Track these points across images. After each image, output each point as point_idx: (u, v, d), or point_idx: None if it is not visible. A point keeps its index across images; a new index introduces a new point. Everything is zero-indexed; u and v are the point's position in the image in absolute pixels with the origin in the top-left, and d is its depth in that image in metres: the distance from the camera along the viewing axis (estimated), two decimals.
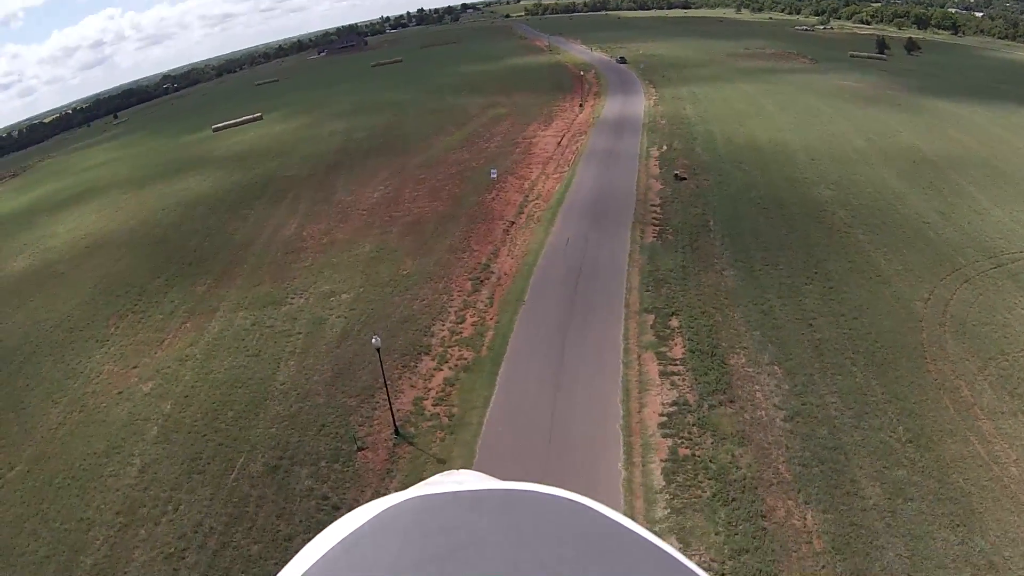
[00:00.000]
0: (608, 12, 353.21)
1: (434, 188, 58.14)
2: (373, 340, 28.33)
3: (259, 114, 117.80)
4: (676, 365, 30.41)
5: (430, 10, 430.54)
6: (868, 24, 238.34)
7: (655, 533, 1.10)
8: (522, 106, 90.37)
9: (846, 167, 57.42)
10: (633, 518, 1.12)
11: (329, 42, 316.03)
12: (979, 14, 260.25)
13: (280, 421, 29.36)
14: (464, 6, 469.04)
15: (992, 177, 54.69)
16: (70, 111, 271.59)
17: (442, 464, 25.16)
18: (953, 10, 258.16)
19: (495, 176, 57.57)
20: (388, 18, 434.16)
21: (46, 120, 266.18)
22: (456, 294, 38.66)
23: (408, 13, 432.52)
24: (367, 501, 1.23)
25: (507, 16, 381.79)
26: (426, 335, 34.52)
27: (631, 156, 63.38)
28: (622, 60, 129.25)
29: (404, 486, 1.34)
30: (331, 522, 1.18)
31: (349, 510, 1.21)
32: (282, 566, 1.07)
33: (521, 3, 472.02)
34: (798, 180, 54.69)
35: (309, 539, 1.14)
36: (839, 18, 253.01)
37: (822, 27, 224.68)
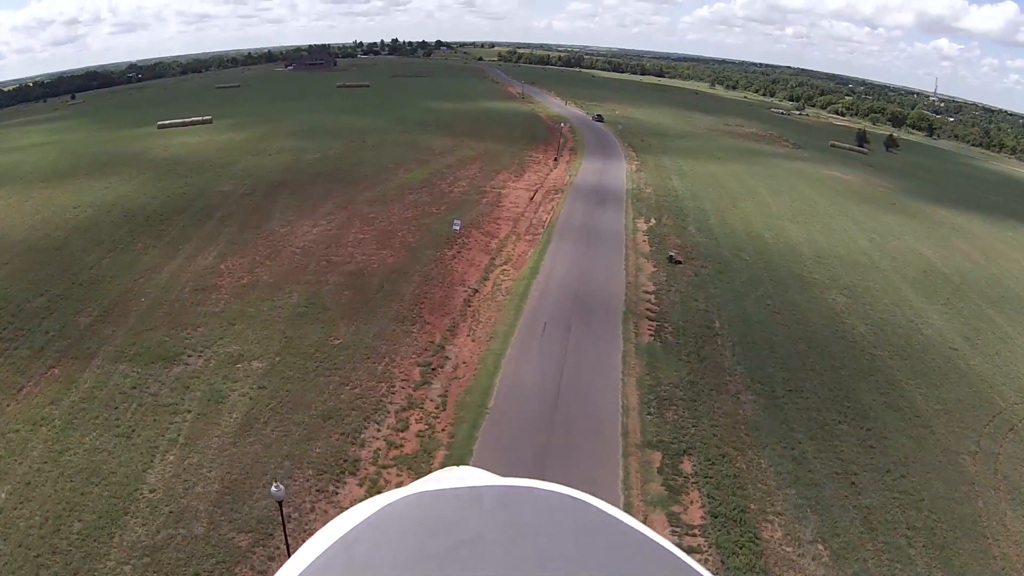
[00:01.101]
0: (582, 69, 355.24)
1: (385, 232, 49.61)
2: (273, 489, 19.66)
3: (209, 117, 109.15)
4: (695, 536, 22.41)
5: (404, 42, 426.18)
6: (842, 116, 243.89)
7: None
8: (492, 152, 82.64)
9: (856, 271, 51.80)
10: None
11: (299, 57, 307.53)
12: (951, 119, 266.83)
13: (138, 555, 20.40)
14: (438, 43, 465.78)
15: (1007, 299, 50.25)
16: (30, 84, 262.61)
17: None
18: (928, 112, 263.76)
19: (458, 228, 49.43)
20: (361, 43, 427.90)
21: (6, 88, 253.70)
22: (399, 384, 30.09)
23: (382, 41, 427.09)
24: None
25: (480, 59, 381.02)
26: (355, 443, 25.78)
27: (615, 226, 56.16)
28: (599, 118, 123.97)
29: None
30: None
31: None
32: None
33: (495, 48, 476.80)
34: (807, 281, 48.51)
35: None
36: (814, 106, 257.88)
37: (798, 112, 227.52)
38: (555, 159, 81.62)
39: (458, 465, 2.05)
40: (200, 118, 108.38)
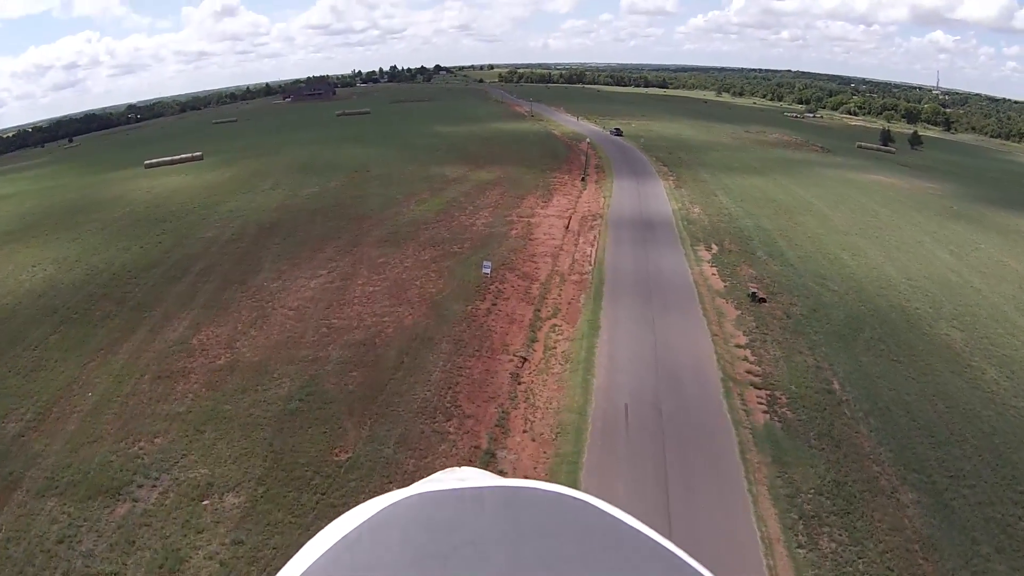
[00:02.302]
0: (585, 84, 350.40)
1: (399, 282, 40.38)
2: None
3: (199, 153, 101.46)
4: None
5: (403, 69, 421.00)
6: (855, 115, 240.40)
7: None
8: (512, 175, 73.47)
9: (954, 295, 43.33)
10: None
11: (297, 88, 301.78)
12: (960, 111, 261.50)
13: None
14: (437, 67, 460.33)
15: None
16: (29, 129, 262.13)
17: None
18: (939, 106, 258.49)
19: (488, 271, 40.29)
20: (359, 72, 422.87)
21: (7, 135, 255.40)
22: None
23: (380, 69, 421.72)
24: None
25: (480, 81, 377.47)
26: None
27: (675, 258, 46.90)
28: (617, 132, 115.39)
29: None
30: None
31: None
32: None
33: (495, 69, 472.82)
34: (911, 313, 39.58)
35: None
36: (824, 107, 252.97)
37: (811, 115, 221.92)
38: (582, 179, 72.55)
39: (459, 466, 1.98)
40: (190, 155, 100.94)
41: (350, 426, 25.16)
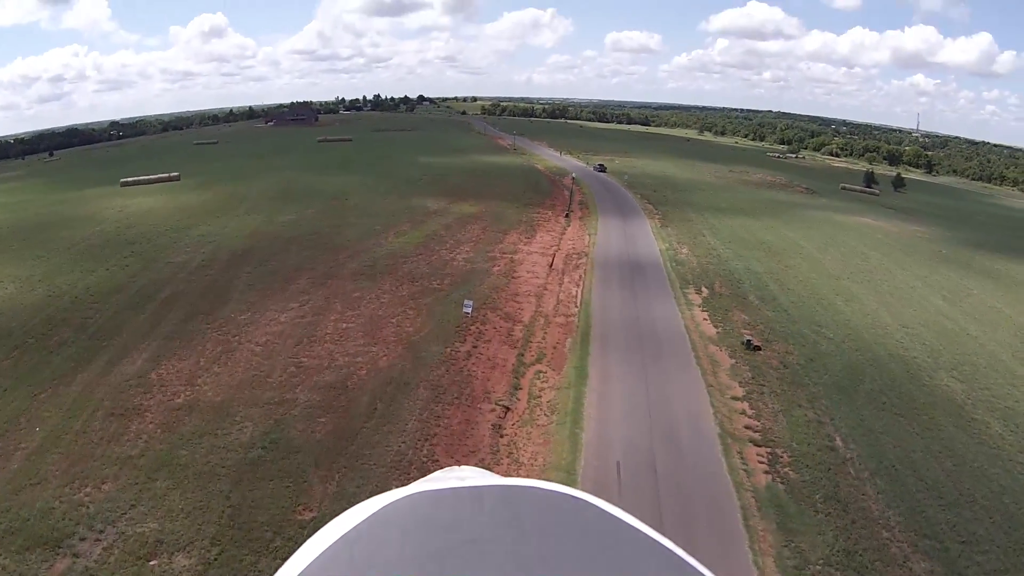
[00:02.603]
0: (567, 120, 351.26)
1: (375, 319, 38.29)
2: None
3: (176, 174, 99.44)
4: None
5: (386, 98, 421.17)
6: (837, 156, 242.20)
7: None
8: (494, 210, 71.75)
9: (952, 343, 41.96)
10: None
11: (280, 113, 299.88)
12: (940, 153, 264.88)
13: None
14: (421, 98, 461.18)
15: None
16: (11, 141, 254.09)
17: None
18: (920, 148, 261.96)
19: (470, 311, 38.38)
20: (343, 99, 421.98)
21: None
22: None
23: (364, 97, 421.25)
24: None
25: (463, 112, 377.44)
26: None
27: (664, 303, 45.15)
28: (601, 168, 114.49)
29: None
30: None
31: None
32: None
33: (478, 101, 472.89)
34: (910, 363, 38.12)
35: None
36: (806, 147, 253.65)
37: (793, 156, 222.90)
38: (566, 215, 71.00)
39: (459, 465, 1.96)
40: (167, 175, 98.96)
41: (316, 480, 22.94)
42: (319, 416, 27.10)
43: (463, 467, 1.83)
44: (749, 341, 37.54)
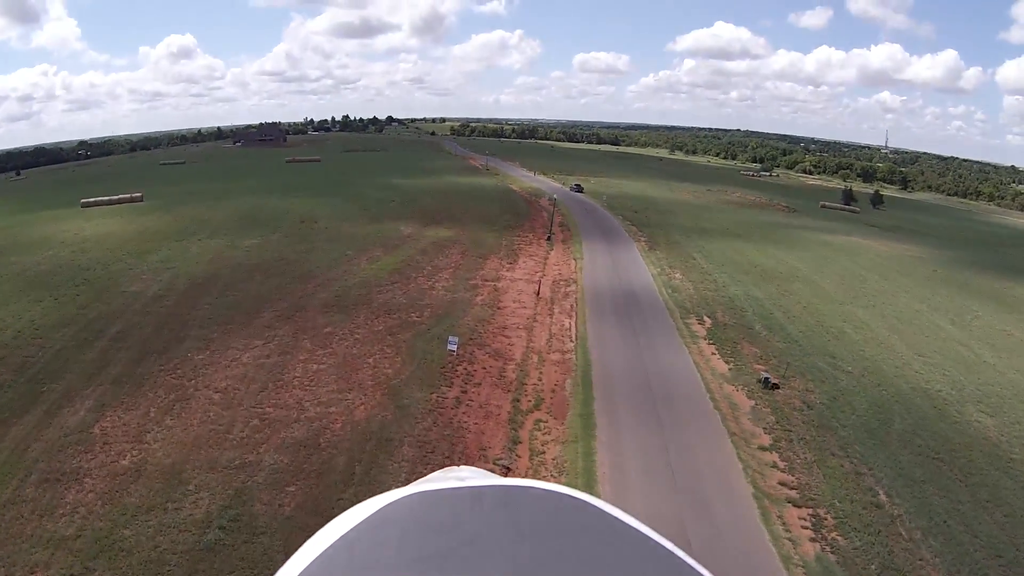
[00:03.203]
0: (537, 140, 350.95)
1: (349, 358, 34.32)
2: None
3: (140, 194, 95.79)
4: None
5: (355, 119, 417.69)
6: (810, 174, 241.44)
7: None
8: (472, 233, 68.06)
9: (970, 371, 39.60)
10: None
11: (249, 133, 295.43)
12: (912, 169, 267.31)
13: None
14: (390, 119, 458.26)
15: None
16: None
17: None
18: (893, 165, 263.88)
19: (455, 349, 34.59)
20: (312, 120, 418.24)
21: None
22: None
23: (332, 118, 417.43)
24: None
25: (432, 133, 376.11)
26: None
27: (664, 332, 41.89)
28: (578, 188, 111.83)
29: None
30: None
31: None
32: None
33: (447, 122, 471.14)
34: (935, 397, 35.33)
35: None
36: (778, 165, 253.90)
37: (767, 174, 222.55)
38: (548, 238, 67.58)
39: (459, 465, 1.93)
40: (130, 195, 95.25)
41: None
42: (287, 484, 23.02)
43: (462, 467, 1.75)
44: (767, 379, 34.25)
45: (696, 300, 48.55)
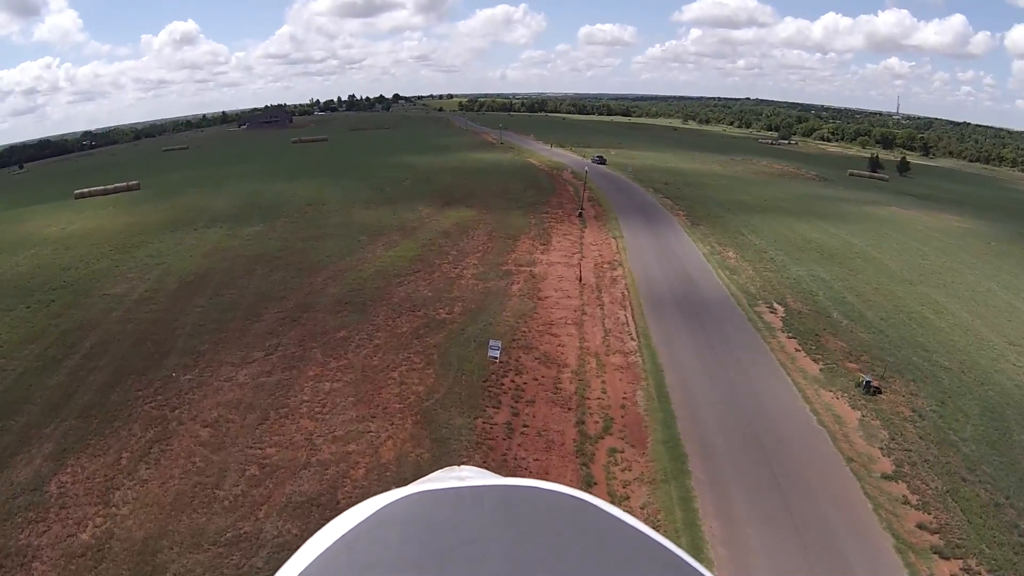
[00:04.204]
0: (548, 113, 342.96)
1: (368, 372, 28.20)
2: None
3: (136, 183, 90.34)
4: None
5: (362, 98, 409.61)
6: (829, 141, 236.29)
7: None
8: (497, 212, 61.69)
9: None
10: None
11: (254, 116, 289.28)
12: (931, 134, 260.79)
13: None
14: (396, 96, 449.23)
15: None
16: None
17: None
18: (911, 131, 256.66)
19: (497, 355, 28.51)
20: (318, 101, 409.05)
21: None
22: None
23: (339, 98, 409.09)
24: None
25: (440, 109, 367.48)
26: None
27: (735, 322, 36.05)
28: (600, 160, 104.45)
29: None
30: None
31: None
32: None
33: (455, 98, 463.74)
34: None
35: None
36: (795, 133, 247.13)
37: (786, 142, 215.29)
38: (579, 214, 61.14)
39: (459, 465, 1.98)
40: (125, 184, 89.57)
41: None
42: None
43: (463, 467, 1.79)
44: (868, 383, 28.19)
45: (760, 284, 42.22)
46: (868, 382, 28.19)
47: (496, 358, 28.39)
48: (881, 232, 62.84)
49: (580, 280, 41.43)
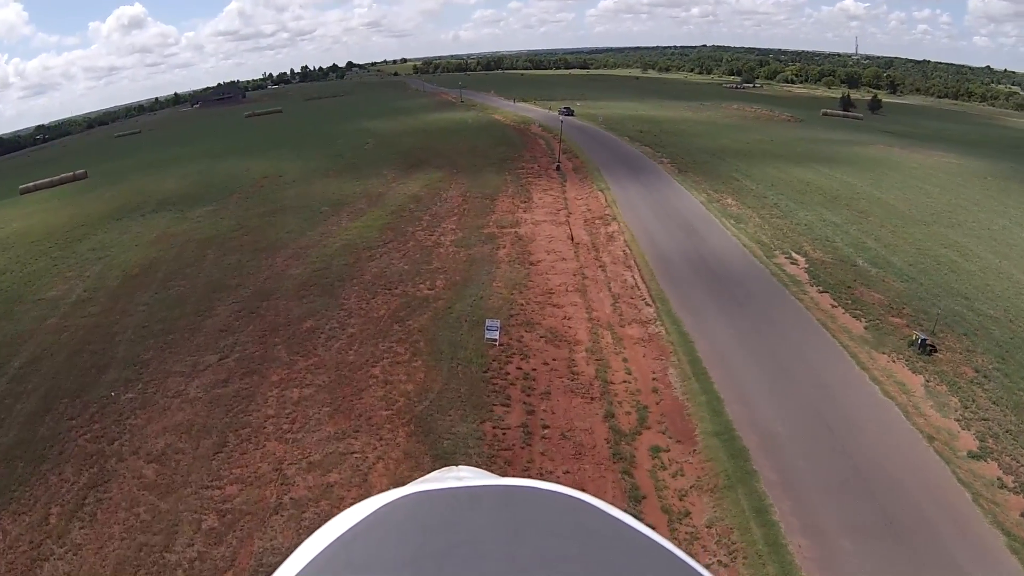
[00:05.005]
0: (505, 70, 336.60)
1: (343, 370, 23.69)
2: None
3: (83, 171, 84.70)
4: None
5: (315, 68, 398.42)
6: (794, 84, 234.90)
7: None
8: (468, 171, 56.99)
9: None
10: None
11: (206, 95, 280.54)
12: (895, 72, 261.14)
13: None
14: (350, 64, 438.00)
15: None
16: None
17: None
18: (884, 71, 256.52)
19: (497, 336, 24.18)
20: (271, 75, 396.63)
21: None
22: None
23: (292, 70, 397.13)
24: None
25: (395, 74, 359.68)
26: None
27: (759, 279, 31.99)
28: (568, 112, 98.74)
29: None
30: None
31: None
32: None
33: (409, 63, 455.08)
34: None
35: None
36: (758, 77, 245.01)
37: (751, 86, 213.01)
38: (556, 167, 56.68)
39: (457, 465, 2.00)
40: (72, 174, 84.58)
41: None
42: None
43: (461, 467, 1.79)
44: (923, 341, 24.31)
45: (771, 233, 38.21)
46: (924, 340, 24.33)
47: (495, 340, 24.09)
48: (878, 172, 59.11)
49: (572, 239, 37.19)
